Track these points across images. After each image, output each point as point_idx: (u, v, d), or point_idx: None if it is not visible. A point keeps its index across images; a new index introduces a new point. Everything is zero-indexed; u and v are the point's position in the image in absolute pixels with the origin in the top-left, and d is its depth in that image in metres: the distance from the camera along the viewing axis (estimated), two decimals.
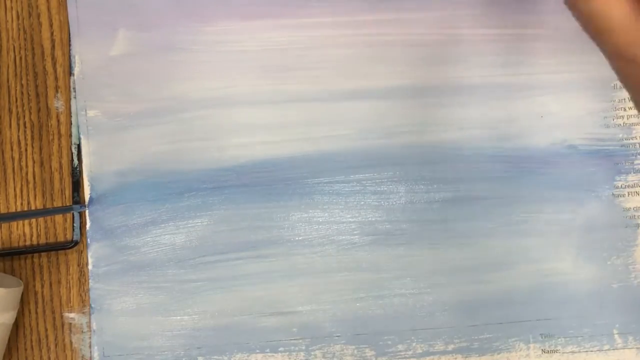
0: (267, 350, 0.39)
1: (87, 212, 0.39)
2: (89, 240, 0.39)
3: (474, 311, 0.39)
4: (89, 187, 0.39)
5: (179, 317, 0.39)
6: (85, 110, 0.39)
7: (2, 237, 0.39)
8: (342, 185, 0.39)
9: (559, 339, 0.39)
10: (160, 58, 0.39)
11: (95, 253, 0.39)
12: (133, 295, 0.39)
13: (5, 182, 0.39)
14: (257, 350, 0.39)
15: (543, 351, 0.39)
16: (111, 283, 0.39)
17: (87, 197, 0.39)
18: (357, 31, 0.39)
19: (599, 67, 0.39)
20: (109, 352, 0.38)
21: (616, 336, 0.39)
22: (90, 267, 0.39)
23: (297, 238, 0.39)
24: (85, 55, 0.39)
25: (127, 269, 0.39)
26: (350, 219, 0.39)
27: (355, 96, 0.39)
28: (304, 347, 0.39)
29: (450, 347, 0.39)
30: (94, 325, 0.39)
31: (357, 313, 0.39)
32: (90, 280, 0.39)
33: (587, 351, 0.39)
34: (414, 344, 0.39)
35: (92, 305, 0.39)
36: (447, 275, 0.39)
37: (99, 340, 0.39)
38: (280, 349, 0.39)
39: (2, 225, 0.39)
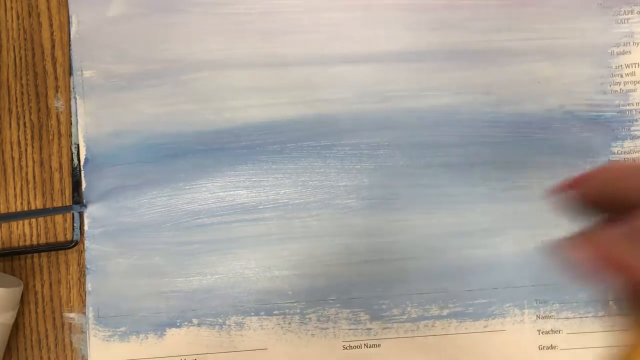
0: (262, 313, 0.39)
1: (82, 173, 0.39)
2: (85, 200, 0.39)
3: (468, 276, 0.39)
4: (85, 148, 0.39)
5: (174, 279, 0.39)
6: (81, 71, 0.39)
7: (2, 237, 0.39)
8: (339, 149, 0.39)
9: (554, 305, 0.39)
10: (158, 19, 0.39)
11: (91, 214, 0.39)
12: (128, 256, 0.39)
13: (5, 182, 0.39)
14: (252, 313, 0.39)
15: (537, 317, 0.39)
16: (107, 244, 0.39)
17: (82, 159, 0.39)
18: None
19: (596, 33, 0.40)
20: (104, 312, 0.38)
21: (611, 302, 0.39)
22: (86, 227, 0.39)
23: (293, 201, 0.39)
24: (82, 16, 0.39)
25: (123, 231, 0.39)
26: (346, 183, 0.39)
27: (353, 60, 0.39)
28: (298, 311, 0.39)
29: (445, 312, 0.39)
30: (89, 287, 0.39)
31: (352, 277, 0.39)
32: (86, 241, 0.39)
33: (581, 317, 0.39)
34: (408, 308, 0.39)
35: (88, 266, 0.39)
36: (442, 240, 0.39)
37: (94, 301, 0.38)
38: (275, 312, 0.39)
39: (2, 225, 0.39)
